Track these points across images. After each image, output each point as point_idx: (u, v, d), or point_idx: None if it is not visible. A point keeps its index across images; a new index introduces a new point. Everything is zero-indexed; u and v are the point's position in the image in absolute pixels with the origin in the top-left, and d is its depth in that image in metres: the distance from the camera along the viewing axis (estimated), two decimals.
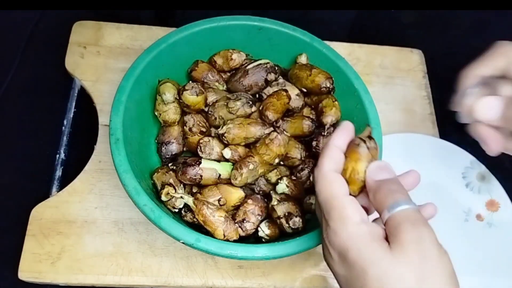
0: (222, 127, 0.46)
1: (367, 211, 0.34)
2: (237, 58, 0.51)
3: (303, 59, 0.52)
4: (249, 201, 0.44)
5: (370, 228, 0.30)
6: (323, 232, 0.33)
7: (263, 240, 0.44)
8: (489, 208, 0.56)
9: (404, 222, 0.29)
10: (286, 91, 0.48)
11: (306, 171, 0.47)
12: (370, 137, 0.34)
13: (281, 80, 0.52)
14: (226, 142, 0.45)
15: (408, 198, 0.31)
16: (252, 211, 0.43)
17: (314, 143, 0.48)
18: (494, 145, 0.38)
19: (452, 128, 0.61)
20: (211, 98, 0.49)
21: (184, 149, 0.49)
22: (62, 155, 0.54)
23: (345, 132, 0.35)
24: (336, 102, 0.49)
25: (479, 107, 0.34)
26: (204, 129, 0.48)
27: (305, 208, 0.46)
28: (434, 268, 0.28)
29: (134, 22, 0.61)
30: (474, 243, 0.54)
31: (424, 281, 0.28)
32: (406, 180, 0.35)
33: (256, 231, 0.43)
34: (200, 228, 0.42)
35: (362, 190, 0.34)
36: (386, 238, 0.30)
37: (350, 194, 0.33)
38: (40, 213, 0.48)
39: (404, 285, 0.28)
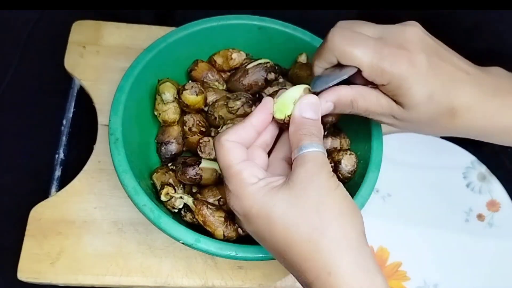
0: (222, 127, 0.46)
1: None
2: (237, 57, 0.51)
3: (303, 59, 0.52)
4: None
5: (267, 181, 0.33)
6: (227, 198, 0.35)
7: None
8: (490, 208, 0.56)
9: (311, 161, 0.32)
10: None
11: None
12: None
13: (281, 79, 0.52)
14: None
15: (321, 142, 0.34)
16: None
17: None
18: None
19: None
20: (211, 97, 0.49)
21: (184, 149, 0.49)
22: (61, 155, 0.53)
23: (263, 110, 0.36)
24: None
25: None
26: (204, 129, 0.48)
27: None
28: (328, 195, 0.31)
29: (134, 21, 0.61)
30: (474, 243, 0.54)
31: (320, 206, 0.30)
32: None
33: None
34: (200, 228, 0.42)
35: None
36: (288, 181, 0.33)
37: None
38: (39, 213, 0.48)
39: (305, 214, 0.30)
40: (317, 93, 0.37)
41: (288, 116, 0.35)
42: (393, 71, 0.34)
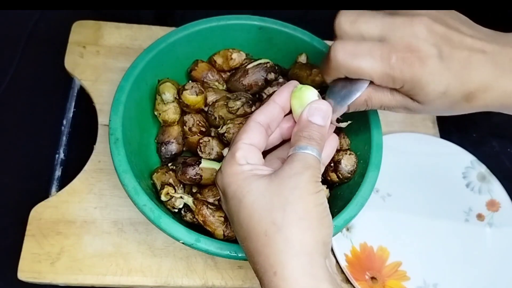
0: (222, 126, 0.46)
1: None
2: (237, 57, 0.51)
3: (303, 59, 0.52)
4: None
5: (252, 167, 0.33)
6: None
7: None
8: (490, 208, 0.56)
9: (299, 161, 0.32)
10: None
11: None
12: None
13: (281, 79, 0.52)
14: (226, 141, 0.45)
15: (320, 148, 0.34)
16: None
17: None
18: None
19: (452, 128, 0.61)
20: (211, 97, 0.49)
21: (184, 149, 0.49)
22: (62, 155, 0.54)
23: (287, 90, 0.38)
24: None
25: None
26: (204, 129, 0.48)
27: None
28: (301, 197, 0.31)
29: (133, 21, 0.61)
30: (474, 243, 0.54)
31: (288, 205, 0.30)
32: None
33: None
34: (200, 228, 0.42)
35: None
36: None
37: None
38: (40, 213, 0.48)
39: (271, 207, 0.30)
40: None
41: None
42: (405, 77, 0.33)
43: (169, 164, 0.47)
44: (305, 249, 0.30)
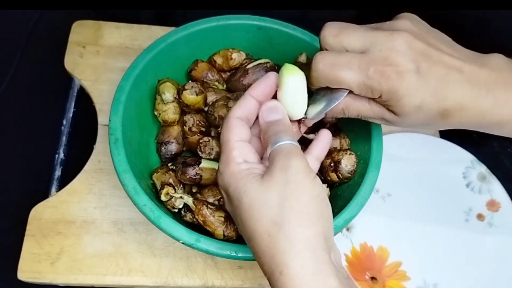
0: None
1: None
2: (237, 57, 0.51)
3: (303, 59, 0.52)
4: None
5: (249, 166, 0.33)
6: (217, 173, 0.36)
7: None
8: (490, 208, 0.56)
9: (279, 154, 0.32)
10: None
11: None
12: None
13: None
14: None
15: (291, 135, 0.34)
16: None
17: None
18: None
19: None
20: (211, 97, 0.49)
21: (184, 149, 0.49)
22: (61, 155, 0.54)
23: (263, 83, 0.38)
24: None
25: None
26: (204, 129, 0.48)
27: None
28: (295, 191, 0.31)
29: (133, 21, 0.61)
30: (474, 243, 0.54)
31: (285, 202, 0.30)
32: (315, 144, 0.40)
33: None
34: (200, 228, 0.42)
35: None
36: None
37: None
38: (39, 213, 0.48)
39: (268, 206, 0.31)
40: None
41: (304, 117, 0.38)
42: (382, 88, 0.34)
43: (169, 164, 0.47)
44: (307, 245, 0.30)
